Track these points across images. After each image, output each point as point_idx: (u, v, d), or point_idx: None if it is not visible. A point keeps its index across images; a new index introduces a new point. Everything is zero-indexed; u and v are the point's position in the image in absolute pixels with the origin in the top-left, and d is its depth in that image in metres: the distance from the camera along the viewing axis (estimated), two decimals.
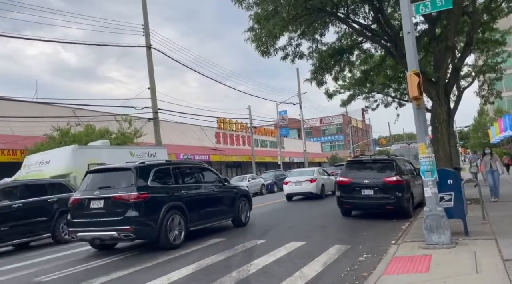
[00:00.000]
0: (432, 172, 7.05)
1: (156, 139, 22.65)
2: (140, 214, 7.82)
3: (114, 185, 8.23)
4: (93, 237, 8.24)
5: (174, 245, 8.28)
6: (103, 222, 7.89)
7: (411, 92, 6.62)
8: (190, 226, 8.93)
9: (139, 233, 7.93)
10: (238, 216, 10.80)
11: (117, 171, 8.73)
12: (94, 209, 8.06)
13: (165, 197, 8.44)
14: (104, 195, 8.02)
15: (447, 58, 12.65)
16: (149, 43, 23.04)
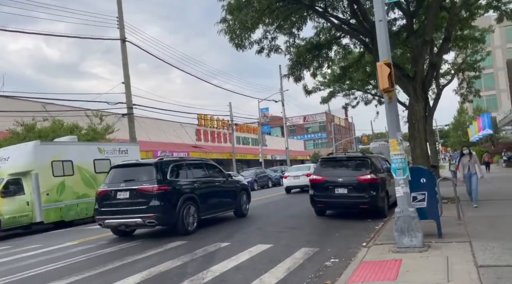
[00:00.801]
0: (403, 170, 6.61)
1: (130, 135, 21.86)
2: (162, 203, 8.96)
3: (137, 178, 9.26)
4: (120, 224, 9.31)
5: (189, 231, 9.38)
6: (129, 210, 8.99)
7: (381, 84, 6.16)
8: (201, 215, 10.07)
9: (161, 220, 9.04)
10: (239, 208, 12.00)
11: (140, 166, 9.90)
12: (121, 199, 9.15)
13: (181, 189, 9.63)
14: (130, 187, 9.08)
15: (424, 52, 12.30)
16: (124, 35, 22.20)
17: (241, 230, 9.80)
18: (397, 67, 12.76)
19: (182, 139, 34.38)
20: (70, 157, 14.30)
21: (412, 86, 12.33)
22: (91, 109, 20.61)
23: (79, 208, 14.38)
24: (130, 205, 9.01)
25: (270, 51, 14.45)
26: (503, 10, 13.83)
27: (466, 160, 10.90)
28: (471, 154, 10.97)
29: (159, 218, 8.92)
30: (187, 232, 9.27)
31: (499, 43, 62.90)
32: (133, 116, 21.92)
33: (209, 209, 10.47)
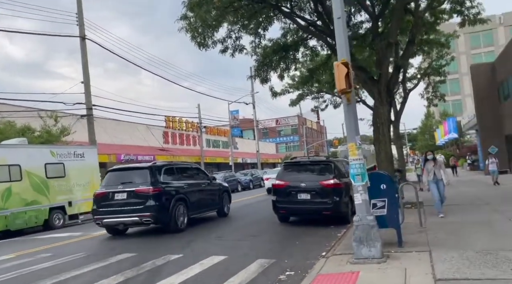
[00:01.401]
0: (362, 176, 6.24)
1: (89, 137, 20.81)
2: (157, 203, 9.74)
3: (133, 181, 10.04)
4: (118, 223, 10.05)
5: (180, 229, 10.21)
6: (126, 210, 9.74)
7: (338, 85, 5.77)
8: (190, 215, 10.94)
9: (156, 218, 9.85)
10: (222, 208, 12.94)
11: (135, 169, 10.69)
12: (118, 200, 9.86)
13: (173, 190, 10.42)
14: (127, 189, 9.85)
15: (388, 55, 12.13)
16: (83, 33, 21.17)
17: (198, 238, 9.22)
18: (362, 69, 12.59)
19: (149, 142, 33.31)
20: (17, 161, 13.27)
21: (377, 89, 12.14)
22: (46, 110, 19.45)
23: (28, 216, 13.36)
24: (127, 205, 9.78)
25: (235, 51, 13.97)
26: (466, 15, 13.89)
27: (431, 165, 9.97)
28: (435, 160, 10.13)
29: (154, 217, 9.75)
30: (179, 230, 10.15)
31: (464, 49, 64.97)
32: (92, 117, 20.90)
33: (197, 209, 11.42)
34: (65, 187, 15.03)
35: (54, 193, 14.53)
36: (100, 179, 17.28)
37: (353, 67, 12.67)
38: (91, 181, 16.41)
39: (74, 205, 15.38)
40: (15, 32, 38.98)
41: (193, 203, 11.03)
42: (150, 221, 9.83)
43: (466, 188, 16.66)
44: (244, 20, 13.33)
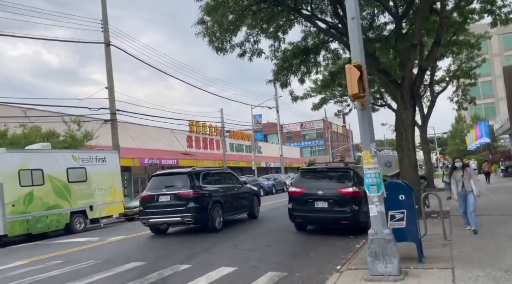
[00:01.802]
0: (378, 186, 5.85)
1: (113, 142, 21.13)
2: (197, 205, 10.66)
3: (175, 184, 11.05)
4: (162, 222, 11.10)
5: (217, 229, 11.06)
6: (170, 211, 10.74)
7: (350, 89, 5.43)
8: (225, 216, 11.66)
9: (196, 219, 10.79)
10: (252, 210, 13.71)
11: (177, 174, 11.72)
12: (163, 202, 10.87)
13: (210, 193, 11.29)
14: (170, 192, 10.87)
15: (412, 57, 11.60)
16: (108, 39, 21.56)
17: (212, 247, 9.00)
18: (384, 72, 12.10)
19: (172, 146, 33.57)
20: (40, 166, 13.53)
21: (400, 93, 11.62)
22: (70, 115, 19.83)
23: (49, 220, 13.58)
24: (170, 206, 10.76)
25: (253, 55, 13.77)
26: (497, 14, 13.16)
27: (459, 175, 8.69)
28: (464, 168, 8.79)
29: (195, 217, 10.69)
30: (216, 230, 10.98)
31: (497, 51, 62.46)
32: (116, 122, 21.20)
33: (231, 211, 12.18)
34: (86, 191, 15.22)
35: (76, 197, 14.73)
36: (121, 183, 17.47)
37: (375, 70, 12.32)
38: (112, 186, 16.58)
39: (95, 209, 15.55)
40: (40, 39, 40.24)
41: (228, 206, 11.90)
42: (191, 221, 10.79)
43: (498, 197, 15.75)
44: (262, 24, 13.13)
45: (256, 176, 34.19)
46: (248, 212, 13.54)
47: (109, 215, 16.70)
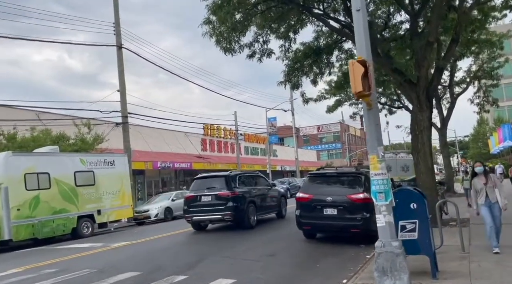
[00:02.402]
0: (386, 194, 5.34)
1: (124, 145, 21.01)
2: (235, 205, 11.90)
3: (215, 186, 12.40)
4: (205, 220, 12.50)
5: (252, 226, 12.32)
6: (211, 209, 12.03)
7: (353, 87, 4.94)
8: (258, 215, 12.84)
9: (234, 217, 12.00)
10: (280, 211, 14.66)
11: (216, 177, 13.06)
12: (205, 201, 12.25)
13: (246, 194, 12.48)
14: (211, 193, 12.24)
15: (428, 55, 10.98)
16: (120, 42, 21.52)
17: (212, 256, 8.58)
18: (398, 72, 11.52)
19: (186, 150, 33.41)
20: (46, 169, 13.40)
21: (415, 93, 11.02)
22: (82, 118, 19.81)
23: (55, 225, 13.42)
24: (211, 205, 12.02)
25: (262, 56, 13.34)
26: None
27: (481, 183, 7.21)
28: (487, 174, 7.33)
29: (233, 215, 11.87)
30: (251, 227, 12.23)
31: None
32: (127, 125, 21.10)
33: (262, 210, 13.28)
34: (94, 195, 15.05)
35: (83, 201, 14.58)
36: (129, 186, 17.27)
37: (388, 69, 11.74)
38: (121, 189, 16.38)
39: (104, 214, 15.36)
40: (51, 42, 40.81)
41: (260, 205, 13.02)
42: (230, 219, 12.00)
43: None
44: (272, 23, 12.71)
45: (271, 180, 33.66)
46: (277, 211, 14.51)
47: (118, 219, 16.50)
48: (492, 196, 7.15)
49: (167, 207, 19.37)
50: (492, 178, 7.34)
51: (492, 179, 7.27)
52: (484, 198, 7.18)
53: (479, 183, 7.29)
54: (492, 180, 7.26)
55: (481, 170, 7.40)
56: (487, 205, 7.18)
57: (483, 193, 7.18)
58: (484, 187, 7.19)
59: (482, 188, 7.20)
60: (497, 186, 7.21)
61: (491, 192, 7.15)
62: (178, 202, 20.58)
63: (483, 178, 7.27)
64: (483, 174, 7.33)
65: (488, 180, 7.23)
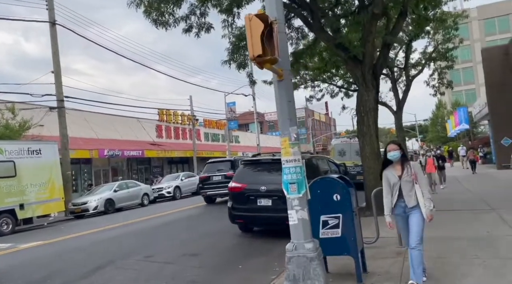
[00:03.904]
0: (299, 185, 4.34)
1: (60, 132, 19.21)
2: None
3: (223, 168, 16.46)
4: (216, 194, 16.01)
5: None
6: (221, 186, 14.99)
7: (251, 49, 3.84)
8: None
9: None
10: None
11: (224, 161, 17.59)
12: (216, 180, 15.92)
13: None
14: (221, 173, 16.01)
15: (373, 29, 10.07)
16: (53, 18, 19.49)
17: (122, 259, 7.39)
18: (342, 48, 10.55)
19: (139, 137, 31.65)
20: None
21: (360, 71, 10.14)
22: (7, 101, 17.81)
23: None
24: (221, 183, 14.98)
25: (200, 30, 12.02)
26: None
27: (395, 176, 4.57)
28: (405, 162, 4.61)
29: None
30: None
31: (478, 37, 61.82)
32: (63, 110, 19.27)
33: None
34: (15, 188, 13.45)
35: (1, 195, 12.93)
36: (61, 177, 15.70)
37: (332, 45, 10.76)
38: (50, 181, 14.81)
39: (28, 208, 13.79)
40: None
41: None
42: None
43: (472, 186, 14.51)
44: None
45: None
46: None
47: (46, 214, 14.94)
48: (409, 198, 4.38)
49: (108, 198, 17.89)
50: (412, 168, 4.50)
51: (410, 170, 4.47)
52: (397, 199, 4.46)
53: (392, 176, 4.55)
54: (410, 171, 4.46)
55: (397, 157, 4.52)
56: (401, 211, 4.48)
57: (396, 192, 4.48)
58: (398, 182, 4.47)
59: (396, 184, 4.49)
60: (418, 181, 4.43)
61: (408, 191, 4.40)
62: (121, 193, 19.19)
63: (399, 168, 4.53)
64: (400, 162, 4.55)
65: (404, 171, 4.48)
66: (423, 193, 4.39)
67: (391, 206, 4.60)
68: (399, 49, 21.95)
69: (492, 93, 22.09)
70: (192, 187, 24.60)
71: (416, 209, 4.40)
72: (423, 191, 4.41)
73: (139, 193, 20.62)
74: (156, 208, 18.37)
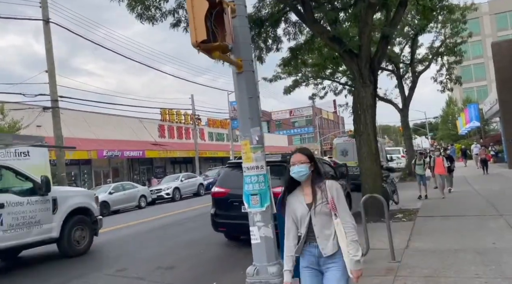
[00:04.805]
0: (261, 196, 3.68)
1: (55, 132, 18.73)
2: None
3: None
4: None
5: None
6: None
7: (193, 34, 3.18)
8: None
9: None
10: None
11: None
12: None
13: None
14: None
15: (370, 20, 9.34)
16: (47, 16, 19.03)
17: (91, 272, 6.80)
18: (337, 41, 9.82)
19: (141, 137, 31.16)
20: None
21: (357, 65, 9.40)
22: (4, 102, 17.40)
23: None
24: None
25: None
26: None
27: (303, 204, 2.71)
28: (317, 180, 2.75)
29: None
30: None
31: (490, 32, 60.22)
32: (58, 110, 18.80)
33: None
34: None
35: None
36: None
37: (326, 38, 10.03)
38: None
39: None
40: None
41: None
42: None
43: (482, 187, 13.63)
44: None
45: None
46: None
47: None
48: (324, 242, 2.66)
49: (102, 201, 17.37)
50: (329, 191, 2.68)
51: (326, 194, 2.67)
52: (304, 243, 2.71)
53: (299, 205, 2.73)
54: (326, 195, 2.67)
55: (304, 174, 2.71)
56: (312, 262, 2.72)
57: (305, 230, 2.70)
58: (307, 215, 2.68)
59: (304, 217, 2.69)
60: (338, 211, 2.66)
61: (322, 228, 2.68)
62: (117, 195, 18.75)
63: (309, 191, 2.73)
64: (310, 182, 2.75)
65: (316, 197, 2.68)
66: (346, 233, 2.59)
67: (293, 255, 2.70)
68: (405, 44, 21.11)
69: (503, 89, 21.07)
70: (192, 188, 24.11)
71: (336, 260, 2.61)
72: (346, 228, 2.60)
73: (136, 195, 20.12)
74: (152, 210, 17.86)
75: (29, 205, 7.48)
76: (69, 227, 8.11)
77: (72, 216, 8.25)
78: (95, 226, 8.79)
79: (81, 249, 8.31)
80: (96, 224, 8.84)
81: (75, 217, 8.32)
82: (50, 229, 7.76)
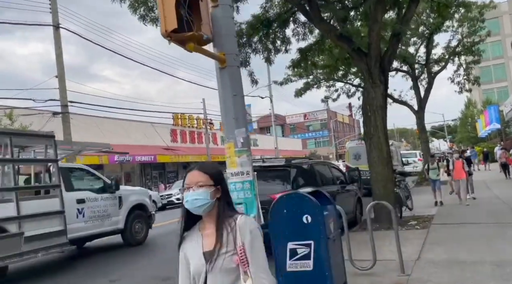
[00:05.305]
0: (247, 205, 3.30)
1: (65, 138, 18.73)
2: None
3: None
4: None
5: None
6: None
7: (162, 22, 2.83)
8: None
9: None
10: None
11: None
12: None
13: None
14: None
15: (379, 17, 8.87)
16: (57, 21, 19.12)
17: (89, 279, 6.54)
18: (345, 39, 9.40)
19: (153, 141, 31.11)
20: None
21: (366, 65, 8.95)
22: (7, 107, 17.48)
23: None
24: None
25: None
26: None
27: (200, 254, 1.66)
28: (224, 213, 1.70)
29: None
30: None
31: (510, 31, 58.54)
32: (68, 115, 18.82)
33: None
34: None
35: None
36: None
37: (333, 36, 9.61)
38: None
39: None
40: None
41: None
42: None
43: (502, 193, 12.91)
44: None
45: None
46: None
47: None
48: None
49: None
50: (238, 231, 1.65)
51: (235, 237, 1.65)
52: None
53: (194, 255, 1.69)
54: (235, 239, 1.64)
55: (204, 205, 1.67)
56: None
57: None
58: (203, 270, 1.64)
59: (199, 274, 1.65)
60: (251, 264, 1.62)
61: None
62: None
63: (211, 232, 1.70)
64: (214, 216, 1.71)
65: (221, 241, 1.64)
66: None
67: None
68: (420, 44, 20.47)
69: None
70: None
71: None
72: None
73: None
74: (161, 216, 17.60)
75: (102, 201, 8.72)
76: (131, 220, 9.37)
77: (133, 211, 9.49)
78: (150, 220, 10.08)
79: (140, 239, 9.60)
80: (150, 218, 10.13)
81: (135, 212, 9.56)
82: (117, 221, 9.03)
